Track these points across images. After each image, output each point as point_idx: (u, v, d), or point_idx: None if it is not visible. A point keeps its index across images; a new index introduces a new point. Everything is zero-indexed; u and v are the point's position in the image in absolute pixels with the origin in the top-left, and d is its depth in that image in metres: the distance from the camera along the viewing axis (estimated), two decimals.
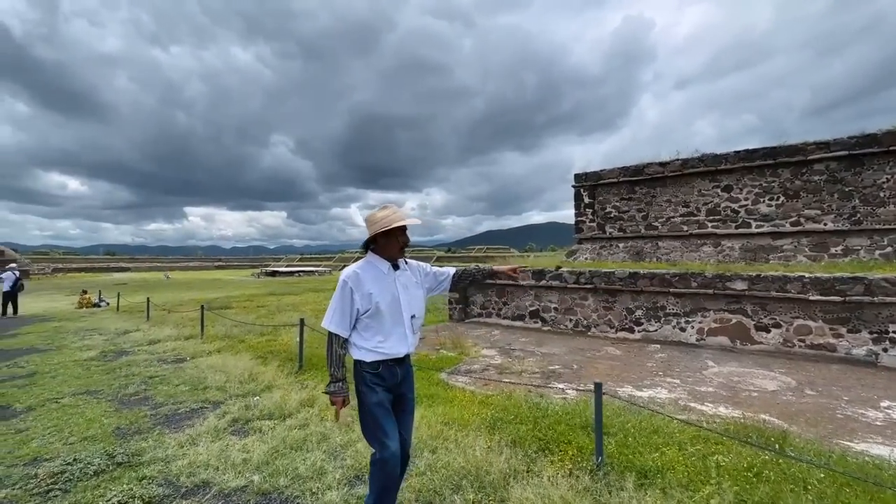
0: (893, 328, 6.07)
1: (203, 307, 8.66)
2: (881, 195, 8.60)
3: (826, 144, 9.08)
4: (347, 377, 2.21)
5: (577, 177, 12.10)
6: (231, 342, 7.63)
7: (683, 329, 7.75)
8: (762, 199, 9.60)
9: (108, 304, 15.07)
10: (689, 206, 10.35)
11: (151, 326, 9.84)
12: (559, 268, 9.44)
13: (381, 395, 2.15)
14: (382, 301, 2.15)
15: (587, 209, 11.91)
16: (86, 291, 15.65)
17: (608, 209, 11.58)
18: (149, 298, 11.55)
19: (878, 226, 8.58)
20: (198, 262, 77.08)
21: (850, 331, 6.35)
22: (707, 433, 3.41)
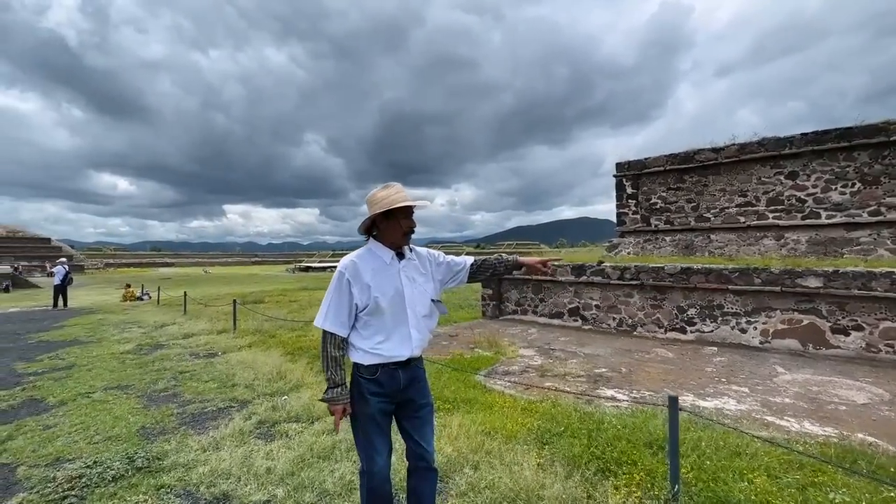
0: None
1: (235, 302, 8.63)
2: None
3: None
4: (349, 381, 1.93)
5: (619, 166, 11.35)
6: (262, 337, 7.53)
7: (744, 330, 7.01)
8: (834, 187, 8.59)
9: (150, 298, 15.58)
10: (747, 196, 9.44)
11: (187, 320, 9.97)
12: (601, 262, 8.82)
13: (376, 408, 1.88)
14: (383, 295, 1.85)
15: (630, 200, 11.16)
16: (129, 285, 16.26)
17: (653, 200, 10.79)
18: (185, 293, 11.77)
19: None
20: (236, 259, 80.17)
21: None
22: (801, 458, 2.85)
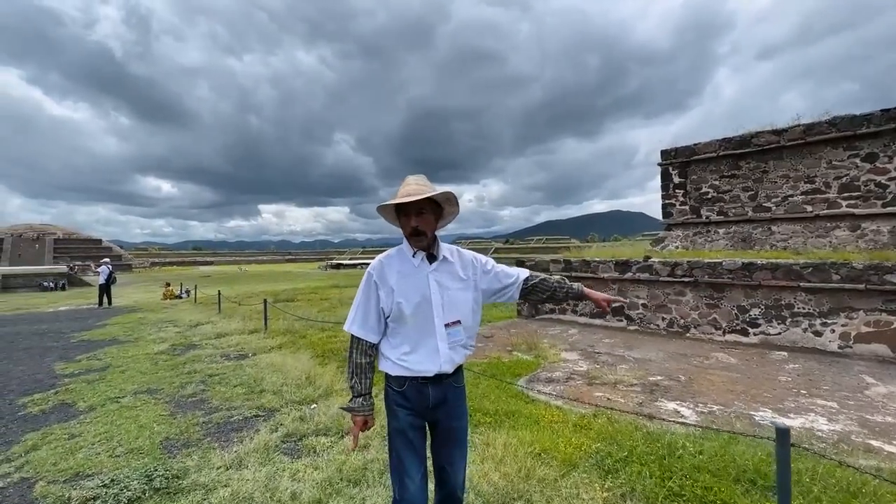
0: None
1: (266, 301, 8.53)
2: None
3: None
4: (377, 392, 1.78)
5: (665, 153, 10.52)
6: (292, 338, 7.37)
7: (819, 333, 6.21)
8: None
9: (189, 295, 15.98)
10: (815, 182, 8.47)
11: (221, 319, 10.01)
12: (648, 258, 8.14)
13: (405, 421, 1.71)
14: (407, 301, 1.67)
15: (677, 190, 10.33)
16: (168, 284, 16.75)
17: (704, 189, 9.92)
18: (220, 292, 11.88)
19: None
20: (270, 256, 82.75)
21: None
22: None
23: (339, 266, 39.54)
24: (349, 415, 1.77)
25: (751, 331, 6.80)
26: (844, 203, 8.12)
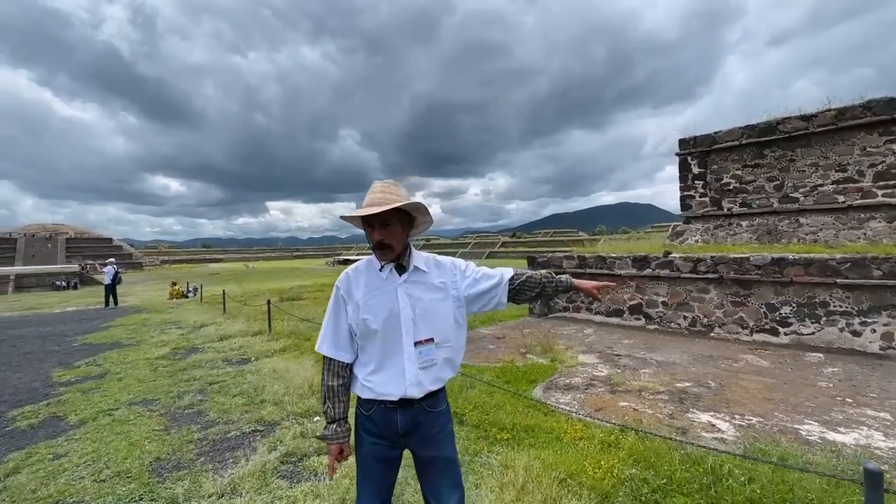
0: None
1: (269, 303, 8.28)
2: None
3: None
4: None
5: (683, 143, 10.04)
6: (296, 340, 7.10)
7: (857, 333, 5.79)
8: None
9: (195, 294, 15.86)
10: (847, 170, 7.97)
11: (226, 320, 9.80)
12: (668, 253, 7.73)
13: (368, 450, 1.57)
14: (375, 317, 1.52)
15: (696, 181, 9.85)
16: (175, 283, 16.65)
17: (726, 179, 9.44)
18: (224, 291, 11.68)
19: None
20: (278, 253, 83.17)
21: None
22: None
23: (347, 261, 39.48)
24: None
25: (781, 330, 6.39)
26: (880, 192, 7.62)
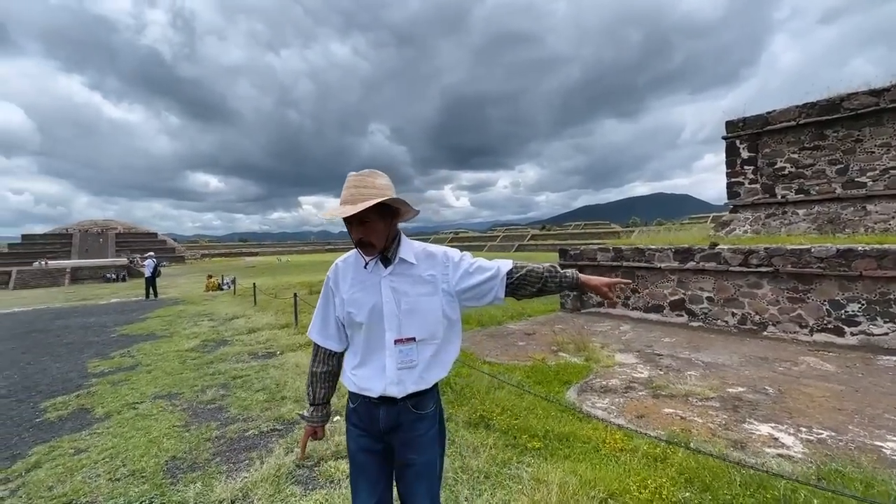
0: None
1: (296, 296, 8.26)
2: None
3: None
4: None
5: (731, 125, 9.25)
6: None
7: None
8: None
9: (230, 288, 16.29)
10: None
11: (256, 312, 9.92)
12: (715, 245, 7.12)
13: (356, 443, 1.54)
14: (359, 311, 1.47)
15: (746, 166, 9.06)
16: (211, 276, 17.15)
17: (780, 164, 8.62)
18: (255, 284, 11.86)
19: None
20: (311, 246, 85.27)
21: None
22: None
23: None
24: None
25: (847, 330, 5.73)
26: None
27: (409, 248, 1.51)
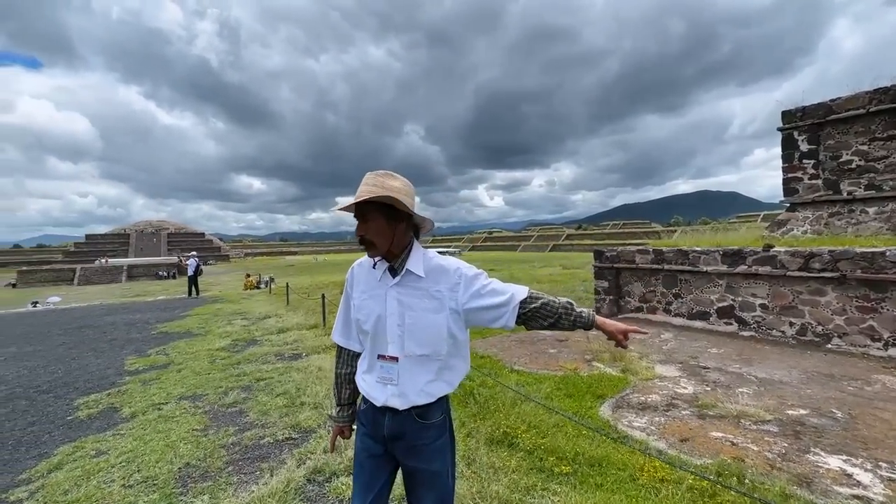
0: None
1: (324, 297, 8.28)
2: None
3: None
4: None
5: (787, 115, 8.44)
6: None
7: None
8: None
9: (267, 286, 16.79)
10: None
11: (287, 312, 10.07)
12: (770, 246, 6.48)
13: (361, 443, 1.51)
14: (366, 319, 1.46)
15: (805, 160, 8.23)
16: (249, 275, 17.74)
17: (846, 157, 7.76)
18: (287, 284, 12.09)
19: None
20: (348, 246, 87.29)
21: None
22: None
23: None
24: None
25: None
26: None
27: (420, 261, 1.46)
